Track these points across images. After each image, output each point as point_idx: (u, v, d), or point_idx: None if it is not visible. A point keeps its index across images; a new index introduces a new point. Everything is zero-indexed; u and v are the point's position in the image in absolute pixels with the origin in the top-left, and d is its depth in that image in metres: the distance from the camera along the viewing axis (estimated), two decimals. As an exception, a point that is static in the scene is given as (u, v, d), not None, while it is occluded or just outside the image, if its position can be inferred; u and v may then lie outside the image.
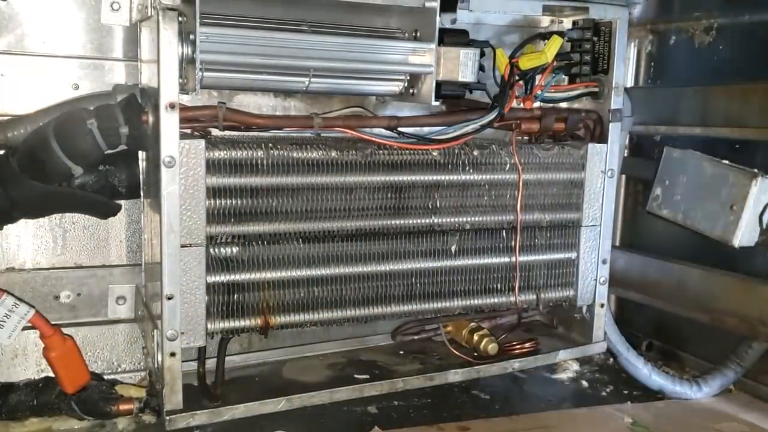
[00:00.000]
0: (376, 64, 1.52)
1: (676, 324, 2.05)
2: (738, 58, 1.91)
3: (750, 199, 1.72)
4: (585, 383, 1.94)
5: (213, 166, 1.37)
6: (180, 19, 1.29)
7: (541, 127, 1.68)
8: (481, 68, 1.57)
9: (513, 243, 1.68)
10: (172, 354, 1.38)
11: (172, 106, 1.30)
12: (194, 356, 1.50)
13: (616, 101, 1.71)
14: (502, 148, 1.62)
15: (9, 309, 1.38)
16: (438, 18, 1.49)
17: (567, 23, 1.76)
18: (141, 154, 1.58)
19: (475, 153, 1.60)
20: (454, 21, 1.53)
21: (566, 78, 1.75)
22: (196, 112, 1.39)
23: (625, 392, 1.89)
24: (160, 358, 1.40)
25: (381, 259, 1.55)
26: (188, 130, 1.39)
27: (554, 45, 1.60)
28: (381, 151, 1.51)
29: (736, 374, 1.84)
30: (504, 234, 1.67)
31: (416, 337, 1.76)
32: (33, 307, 1.41)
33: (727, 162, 1.79)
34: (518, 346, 1.77)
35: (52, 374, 1.48)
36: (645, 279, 2.05)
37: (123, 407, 1.50)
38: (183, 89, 1.33)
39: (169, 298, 1.36)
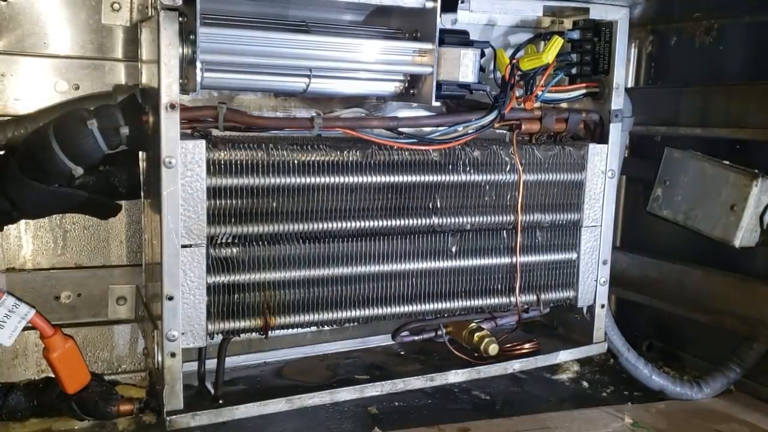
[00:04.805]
0: (376, 65, 1.52)
1: (677, 324, 2.05)
2: (738, 58, 1.91)
3: (750, 200, 1.72)
4: (585, 384, 1.94)
5: (213, 167, 1.37)
6: (180, 19, 1.29)
7: (542, 128, 1.67)
8: (482, 69, 1.57)
9: (513, 243, 1.67)
10: (173, 354, 1.38)
11: (172, 106, 1.30)
12: (194, 357, 1.50)
13: (617, 102, 1.71)
14: (502, 148, 1.62)
15: (9, 309, 1.38)
16: (438, 18, 1.49)
17: (567, 24, 1.76)
18: (141, 155, 1.58)
19: (476, 153, 1.60)
20: (454, 21, 1.53)
21: (567, 78, 1.75)
22: (196, 112, 1.38)
23: (626, 393, 1.89)
24: (160, 359, 1.40)
25: (381, 259, 1.55)
26: (189, 131, 1.39)
27: (555, 45, 1.60)
28: (381, 152, 1.51)
29: (736, 375, 1.84)
30: (504, 234, 1.67)
31: (417, 338, 1.76)
32: (33, 307, 1.41)
33: (727, 162, 1.80)
34: (519, 347, 1.77)
35: (52, 375, 1.48)
36: (645, 279, 2.05)
37: (123, 408, 1.49)
38: (183, 89, 1.33)
39: (170, 299, 1.36)
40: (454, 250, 1.63)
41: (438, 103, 1.55)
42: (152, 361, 1.50)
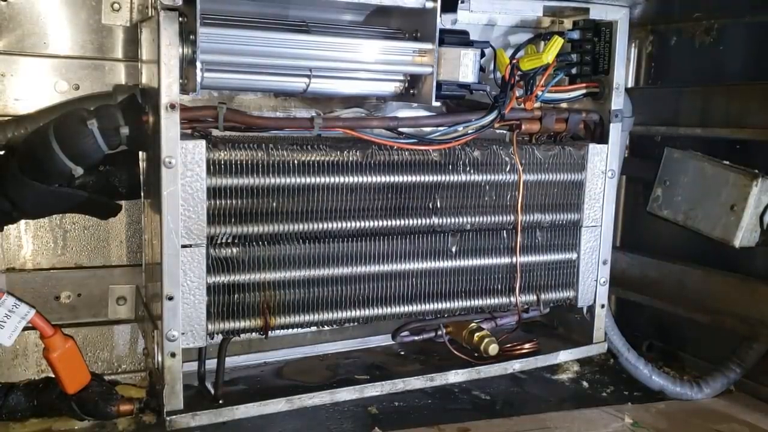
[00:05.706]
0: (376, 65, 1.52)
1: (677, 325, 2.05)
2: (738, 58, 1.91)
3: (750, 200, 1.72)
4: (585, 384, 1.94)
5: (213, 167, 1.37)
6: (180, 19, 1.29)
7: (542, 128, 1.68)
8: (482, 69, 1.57)
9: (513, 243, 1.67)
10: (173, 354, 1.38)
11: (172, 106, 1.30)
12: (194, 357, 1.50)
13: (617, 102, 1.71)
14: (502, 148, 1.62)
15: (9, 309, 1.38)
16: (438, 18, 1.49)
17: (567, 24, 1.76)
18: (141, 155, 1.58)
19: (476, 153, 1.60)
20: (454, 21, 1.53)
21: (567, 78, 1.75)
22: (196, 112, 1.38)
23: (626, 393, 1.89)
24: (160, 359, 1.40)
25: (381, 259, 1.55)
26: (189, 131, 1.39)
27: (555, 46, 1.60)
28: (381, 152, 1.51)
29: (736, 375, 1.84)
30: (504, 234, 1.67)
31: (417, 338, 1.76)
32: (33, 307, 1.41)
33: (727, 162, 1.80)
34: (519, 347, 1.77)
35: (52, 375, 1.48)
36: (645, 279, 2.05)
37: (123, 408, 1.49)
38: (183, 89, 1.33)
39: (170, 299, 1.36)
40: (454, 250, 1.63)
41: (438, 103, 1.55)
42: (152, 361, 1.50)
